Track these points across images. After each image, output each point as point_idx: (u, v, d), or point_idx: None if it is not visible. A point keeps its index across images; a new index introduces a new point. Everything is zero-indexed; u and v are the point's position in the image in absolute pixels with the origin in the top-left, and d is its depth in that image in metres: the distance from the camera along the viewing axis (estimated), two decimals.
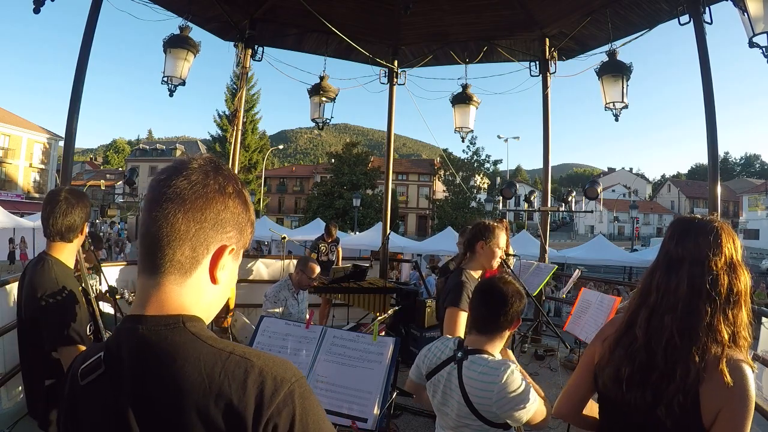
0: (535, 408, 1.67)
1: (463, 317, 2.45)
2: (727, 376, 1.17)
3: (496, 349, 1.83)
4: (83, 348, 1.83)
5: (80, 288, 2.03)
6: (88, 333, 1.95)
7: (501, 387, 1.66)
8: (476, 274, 2.74)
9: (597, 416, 1.52)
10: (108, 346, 0.79)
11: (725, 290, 1.24)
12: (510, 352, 1.99)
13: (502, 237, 2.73)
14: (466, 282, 2.58)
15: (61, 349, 1.84)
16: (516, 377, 1.69)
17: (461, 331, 2.41)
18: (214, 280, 0.81)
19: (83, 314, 1.95)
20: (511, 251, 5.29)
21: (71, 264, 2.06)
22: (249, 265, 6.78)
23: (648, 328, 1.30)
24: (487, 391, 1.68)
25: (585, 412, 1.53)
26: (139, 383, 0.73)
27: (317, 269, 4.24)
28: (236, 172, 6.46)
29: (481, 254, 2.72)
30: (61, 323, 1.84)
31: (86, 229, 2.08)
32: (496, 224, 2.75)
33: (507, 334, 1.85)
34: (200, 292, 0.81)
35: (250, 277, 6.72)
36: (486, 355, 1.78)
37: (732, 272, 1.25)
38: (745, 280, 1.26)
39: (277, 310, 4.00)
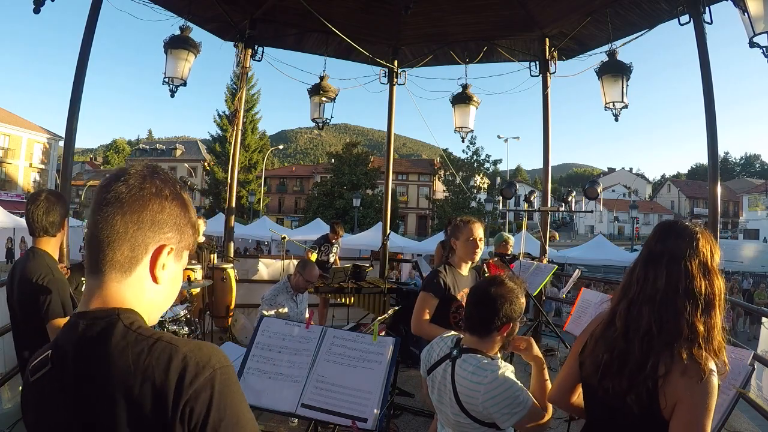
0: (523, 414, 1.65)
1: (429, 301, 2.79)
2: (694, 373, 1.22)
3: (492, 349, 1.82)
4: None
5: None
6: None
7: (488, 388, 1.66)
8: (463, 269, 2.98)
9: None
10: (56, 343, 0.82)
11: (699, 292, 1.29)
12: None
13: (475, 230, 2.90)
14: (441, 272, 2.87)
15: (52, 323, 2.04)
16: (506, 380, 1.68)
17: (426, 314, 2.76)
18: (155, 279, 0.85)
19: (67, 297, 2.18)
20: (511, 249, 5.30)
21: (56, 256, 2.31)
22: (249, 265, 6.78)
23: (627, 318, 1.36)
24: (474, 390, 1.69)
25: (575, 399, 1.61)
26: (78, 376, 0.77)
27: (316, 273, 4.21)
28: (236, 172, 6.50)
29: (457, 249, 2.96)
30: (56, 298, 2.08)
31: (67, 225, 2.33)
32: (465, 220, 2.97)
33: (500, 336, 1.81)
34: (141, 291, 0.84)
35: (250, 277, 6.73)
36: (480, 355, 1.77)
37: (707, 276, 1.31)
38: (719, 285, 1.31)
39: (272, 313, 3.96)
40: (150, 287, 0.85)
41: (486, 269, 4.08)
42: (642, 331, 1.31)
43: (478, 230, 2.91)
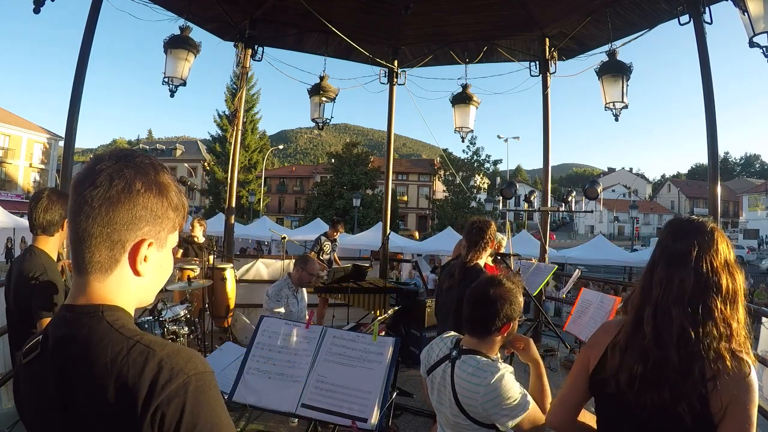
0: (523, 416, 1.65)
1: None
2: (739, 370, 1.19)
3: (492, 350, 1.81)
4: None
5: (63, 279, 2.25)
6: None
7: (487, 389, 1.66)
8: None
9: (590, 424, 1.50)
10: (47, 330, 0.87)
11: (726, 288, 1.26)
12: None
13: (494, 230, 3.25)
14: (484, 273, 3.00)
15: (42, 322, 2.02)
16: (506, 382, 1.67)
17: None
18: (137, 273, 0.87)
19: (61, 296, 2.16)
20: (503, 248, 5.29)
21: (54, 255, 2.29)
22: (249, 265, 6.77)
23: (655, 323, 1.28)
24: (474, 392, 1.68)
25: (579, 419, 1.50)
26: (60, 366, 0.81)
27: (318, 266, 4.27)
28: (236, 172, 6.50)
29: (485, 251, 3.22)
30: (47, 297, 2.08)
31: (67, 225, 2.23)
32: (489, 220, 3.27)
33: (501, 336, 1.81)
34: (125, 286, 0.87)
35: (250, 278, 6.72)
36: (479, 356, 1.77)
37: (729, 271, 1.28)
38: (740, 280, 1.29)
39: (280, 309, 4.02)
40: (133, 281, 0.87)
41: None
42: (675, 335, 1.24)
43: None
